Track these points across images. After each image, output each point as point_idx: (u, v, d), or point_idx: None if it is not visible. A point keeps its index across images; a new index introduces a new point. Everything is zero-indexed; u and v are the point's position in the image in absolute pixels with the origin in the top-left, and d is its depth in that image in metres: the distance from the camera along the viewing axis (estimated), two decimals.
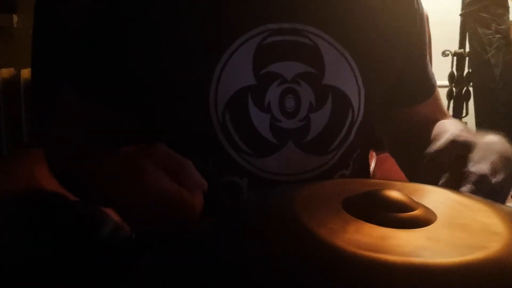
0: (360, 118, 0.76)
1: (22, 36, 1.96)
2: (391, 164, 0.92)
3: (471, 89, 2.41)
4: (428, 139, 0.76)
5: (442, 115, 0.85)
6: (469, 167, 0.59)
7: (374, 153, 1.45)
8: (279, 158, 0.72)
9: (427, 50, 0.85)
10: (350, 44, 0.73)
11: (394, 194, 0.40)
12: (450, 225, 0.39)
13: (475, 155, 0.60)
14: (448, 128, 0.70)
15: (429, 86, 0.85)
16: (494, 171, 0.59)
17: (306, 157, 0.73)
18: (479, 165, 0.59)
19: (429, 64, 0.86)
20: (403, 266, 0.33)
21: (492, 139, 0.64)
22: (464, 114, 2.44)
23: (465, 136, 0.63)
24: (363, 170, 0.84)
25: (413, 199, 0.40)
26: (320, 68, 0.72)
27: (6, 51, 1.98)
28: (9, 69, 1.85)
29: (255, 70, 0.70)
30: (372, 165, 1.51)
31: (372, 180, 0.85)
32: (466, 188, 0.57)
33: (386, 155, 1.43)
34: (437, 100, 0.86)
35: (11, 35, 2.05)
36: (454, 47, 2.41)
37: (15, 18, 2.07)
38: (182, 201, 0.50)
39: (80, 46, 0.72)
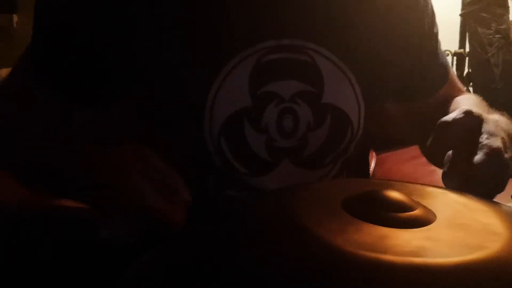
0: (359, 134, 0.74)
1: (22, 36, 1.95)
2: (391, 164, 0.93)
3: (471, 89, 2.41)
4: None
5: (458, 91, 0.84)
6: (482, 139, 0.59)
7: (374, 153, 1.45)
8: (275, 176, 0.70)
9: (438, 41, 0.82)
10: (351, 59, 0.71)
11: (394, 194, 0.40)
12: (450, 225, 0.39)
13: (487, 129, 0.60)
14: (462, 103, 0.71)
15: (444, 72, 0.83)
16: (505, 147, 0.59)
17: (302, 173, 0.72)
18: (492, 139, 0.59)
19: (441, 50, 0.83)
20: (403, 266, 0.33)
21: (499, 118, 0.64)
22: None
23: (477, 111, 0.62)
24: (362, 171, 0.83)
25: (413, 199, 0.40)
26: (319, 87, 0.70)
27: (6, 51, 1.98)
28: (9, 69, 1.85)
29: (252, 90, 0.68)
30: (372, 165, 1.51)
31: (372, 180, 0.85)
32: (479, 157, 0.57)
33: (386, 155, 1.43)
34: (452, 80, 0.84)
35: (11, 35, 2.06)
36: (454, 47, 2.41)
37: (15, 18, 2.07)
38: (162, 220, 0.50)
39: (76, 65, 0.70)
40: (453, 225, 0.39)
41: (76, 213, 0.69)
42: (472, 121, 0.60)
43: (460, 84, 0.87)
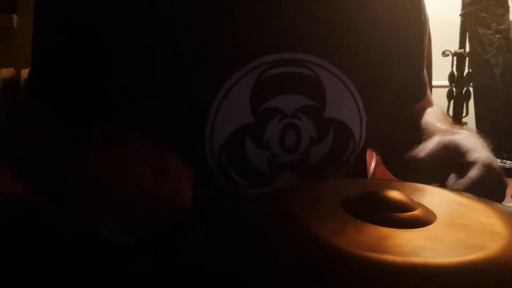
0: (361, 146, 0.74)
1: (22, 36, 1.96)
2: None
3: (471, 89, 2.42)
4: (416, 130, 0.77)
5: (429, 104, 0.85)
6: (470, 155, 0.60)
7: (374, 153, 1.45)
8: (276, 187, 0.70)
9: (425, 54, 0.84)
10: (353, 71, 0.70)
11: (394, 194, 0.40)
12: (450, 225, 0.39)
13: (467, 145, 0.62)
14: (431, 118, 0.75)
15: (424, 88, 0.85)
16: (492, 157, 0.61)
17: None
18: (479, 153, 0.60)
19: (425, 65, 0.85)
20: (403, 266, 0.33)
21: (466, 134, 0.66)
22: (464, 114, 2.44)
23: (448, 136, 0.65)
24: (360, 175, 0.83)
25: (413, 199, 0.40)
26: (322, 101, 0.69)
27: (6, 51, 1.98)
28: (9, 69, 1.85)
29: (254, 106, 0.67)
30: (372, 165, 1.51)
31: (372, 180, 0.85)
32: (475, 172, 0.58)
33: None
34: (428, 92, 0.86)
35: (11, 35, 2.06)
36: (454, 47, 2.41)
37: (15, 18, 2.07)
38: (165, 193, 0.50)
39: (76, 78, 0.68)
40: (453, 225, 0.39)
41: (76, 213, 0.69)
42: (450, 152, 0.62)
43: (430, 96, 0.88)
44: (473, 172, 0.59)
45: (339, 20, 0.71)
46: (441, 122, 0.76)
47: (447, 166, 0.62)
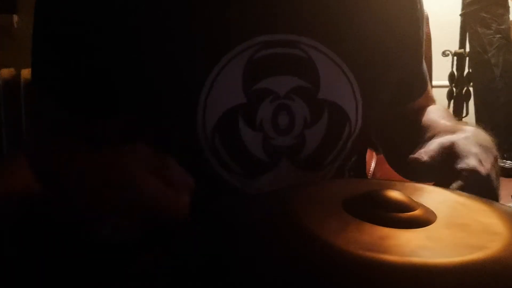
0: (357, 130, 0.73)
1: (22, 36, 1.96)
2: None
3: (471, 89, 2.42)
4: (418, 127, 0.77)
5: (430, 101, 0.85)
6: (457, 164, 0.60)
7: (374, 153, 1.46)
8: (273, 177, 0.69)
9: (424, 48, 0.84)
10: (348, 54, 0.70)
11: (394, 194, 0.40)
12: (450, 225, 0.39)
13: (459, 151, 0.61)
14: (432, 115, 0.75)
15: (424, 82, 0.85)
16: (481, 163, 0.60)
17: (301, 174, 0.70)
18: (466, 160, 0.60)
19: (423, 59, 0.85)
20: (403, 266, 0.33)
21: (471, 131, 0.65)
22: (464, 114, 2.44)
23: (449, 137, 0.64)
24: (359, 173, 0.83)
25: (413, 199, 0.40)
26: (315, 82, 0.68)
27: (6, 51, 1.98)
28: (9, 69, 1.85)
29: (246, 87, 0.66)
30: (372, 165, 1.51)
31: (372, 180, 0.85)
32: (456, 184, 0.58)
33: None
34: (428, 88, 0.86)
35: (11, 35, 2.06)
36: (454, 47, 2.42)
37: (15, 18, 2.07)
38: (166, 201, 0.50)
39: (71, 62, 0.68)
40: (453, 225, 0.39)
41: (76, 212, 0.69)
42: (445, 150, 0.62)
43: (432, 93, 0.88)
44: (455, 185, 0.58)
45: (333, 4, 0.71)
46: (446, 120, 0.76)
47: (444, 169, 0.62)
